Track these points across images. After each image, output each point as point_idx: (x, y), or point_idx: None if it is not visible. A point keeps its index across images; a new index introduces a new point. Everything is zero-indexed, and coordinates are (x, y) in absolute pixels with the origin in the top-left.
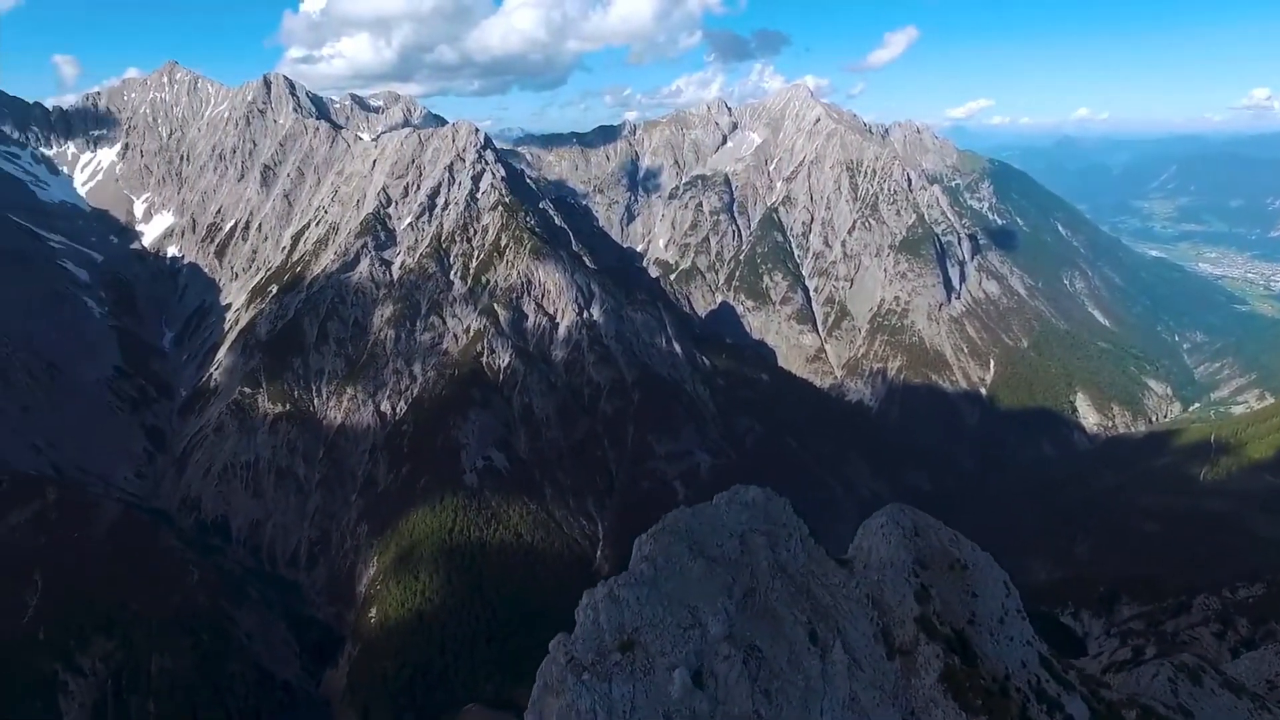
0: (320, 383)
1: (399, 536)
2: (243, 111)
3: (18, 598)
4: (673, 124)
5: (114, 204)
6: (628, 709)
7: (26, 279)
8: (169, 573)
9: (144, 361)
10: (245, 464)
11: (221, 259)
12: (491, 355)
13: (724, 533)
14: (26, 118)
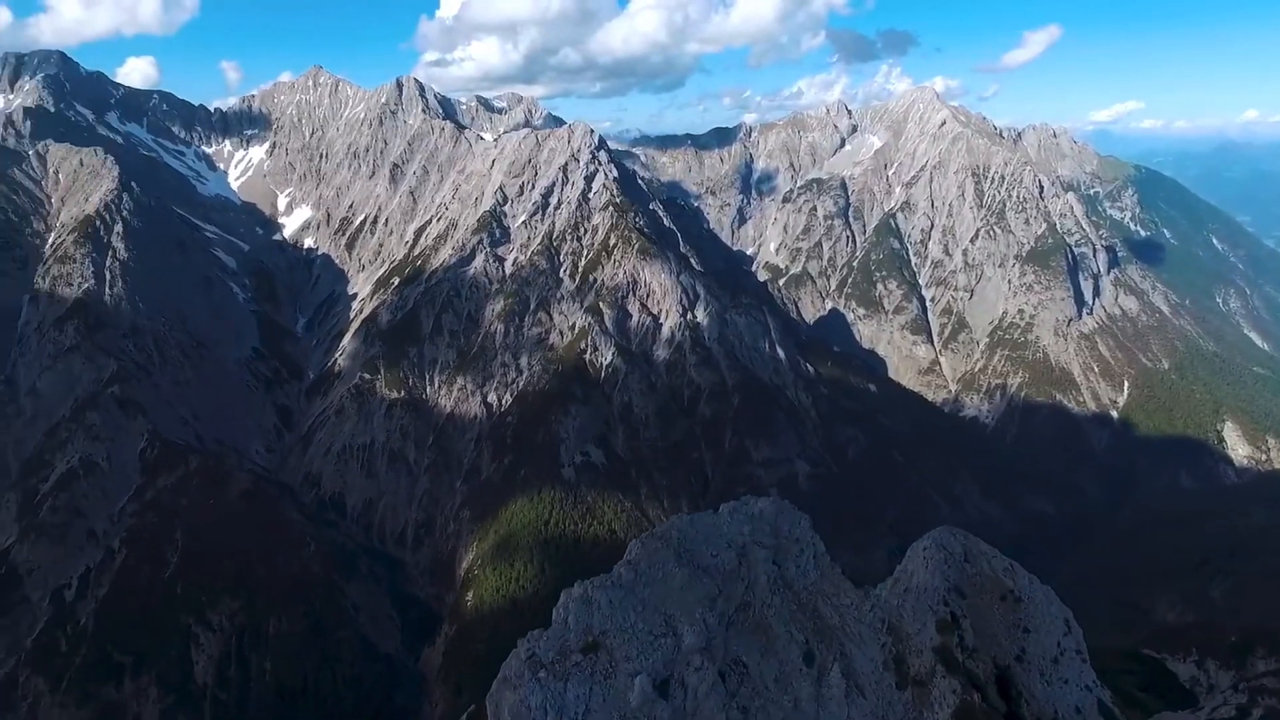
0: (433, 372)
1: (498, 524)
2: (376, 112)
3: (161, 554)
4: (789, 126)
5: (261, 198)
6: (581, 711)
7: (184, 265)
8: (289, 542)
9: (279, 344)
10: (362, 445)
11: (351, 251)
12: (595, 353)
13: (721, 543)
14: (192, 119)
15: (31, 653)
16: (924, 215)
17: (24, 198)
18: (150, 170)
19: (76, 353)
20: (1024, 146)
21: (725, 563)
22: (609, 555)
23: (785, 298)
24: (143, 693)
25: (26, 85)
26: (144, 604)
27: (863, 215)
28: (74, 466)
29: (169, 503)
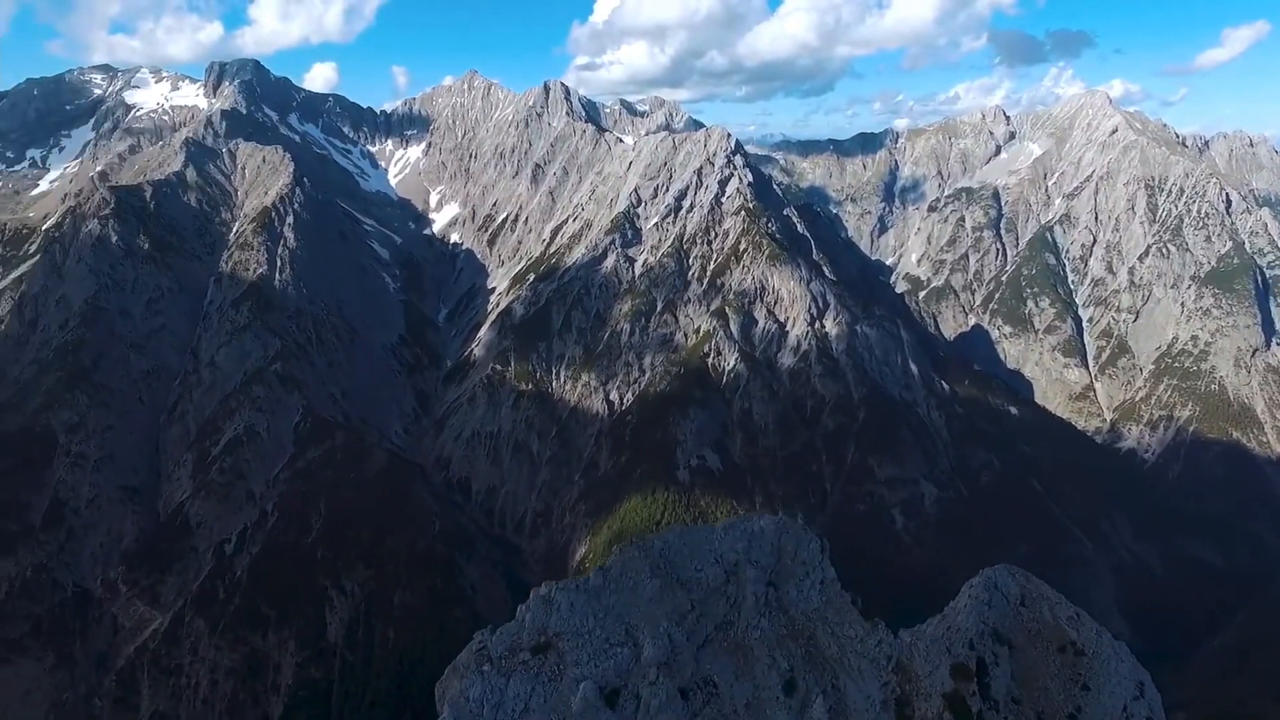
0: (560, 366)
1: (612, 520)
2: (523, 115)
3: (307, 520)
4: (940, 132)
5: (415, 194)
6: (519, 709)
7: (344, 255)
8: (418, 519)
9: (422, 333)
10: (489, 434)
11: (492, 247)
12: (718, 357)
13: (708, 559)
14: (360, 120)
15: (195, 597)
16: (1085, 229)
17: (215, 190)
18: (321, 167)
19: (248, 331)
20: (1211, 156)
21: (709, 579)
22: None
23: (923, 311)
24: (283, 644)
25: (226, 90)
26: (289, 564)
27: (1015, 227)
28: (240, 433)
29: (316, 473)
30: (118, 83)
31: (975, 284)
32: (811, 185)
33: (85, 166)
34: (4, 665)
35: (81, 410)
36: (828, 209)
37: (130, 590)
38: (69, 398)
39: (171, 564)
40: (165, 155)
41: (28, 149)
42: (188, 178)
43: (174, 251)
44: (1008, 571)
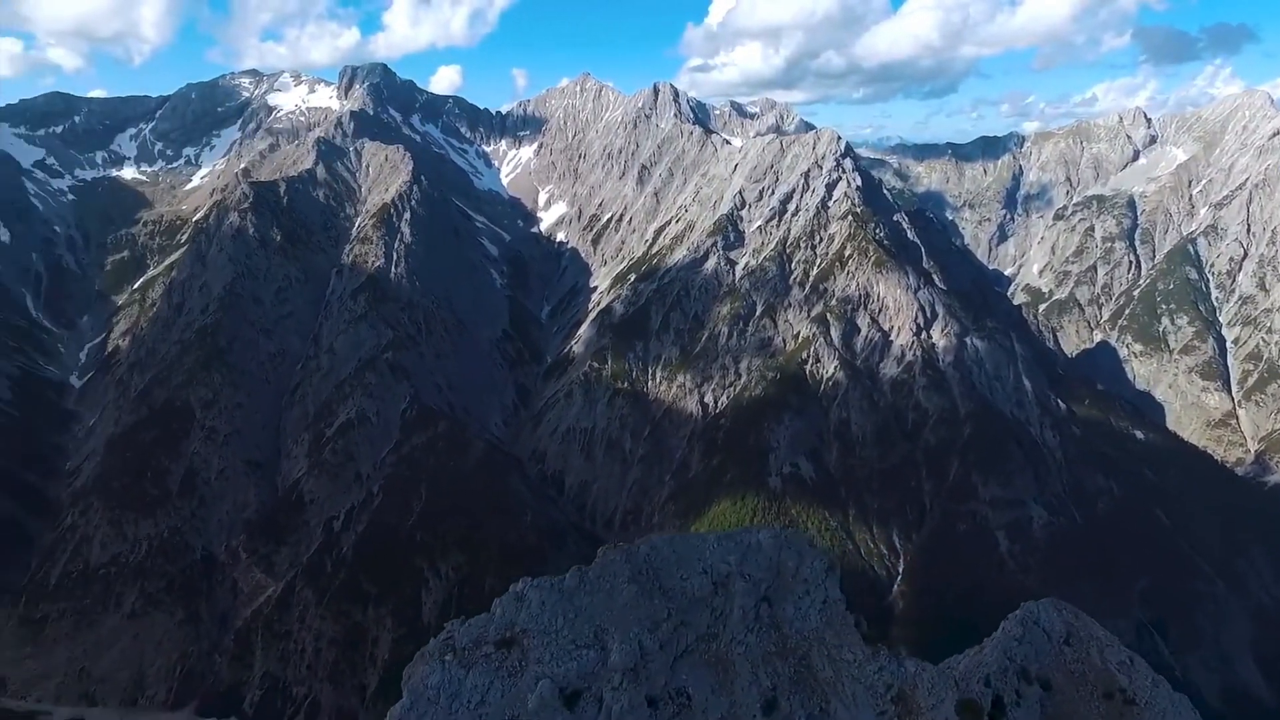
0: (655, 367)
1: (700, 523)
2: (632, 116)
3: (408, 503)
4: (1070, 136)
5: (525, 193)
6: (475, 700)
7: (455, 250)
8: (511, 510)
9: (525, 329)
10: (584, 430)
11: (596, 246)
12: (816, 364)
13: (695, 568)
14: (477, 121)
15: (305, 569)
16: (1235, 242)
17: (342, 186)
18: (438, 165)
19: (364, 321)
20: None
21: (695, 589)
22: None
23: (1043, 325)
24: (381, 620)
25: (356, 92)
26: (390, 544)
27: (1152, 238)
28: (352, 417)
29: (419, 459)
30: (263, 86)
31: (1103, 298)
32: (927, 190)
33: (231, 163)
34: (143, 616)
35: (216, 388)
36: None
37: (249, 558)
38: (205, 376)
39: (286, 536)
40: (299, 153)
41: (184, 147)
42: (317, 175)
43: (302, 244)
44: (1054, 607)
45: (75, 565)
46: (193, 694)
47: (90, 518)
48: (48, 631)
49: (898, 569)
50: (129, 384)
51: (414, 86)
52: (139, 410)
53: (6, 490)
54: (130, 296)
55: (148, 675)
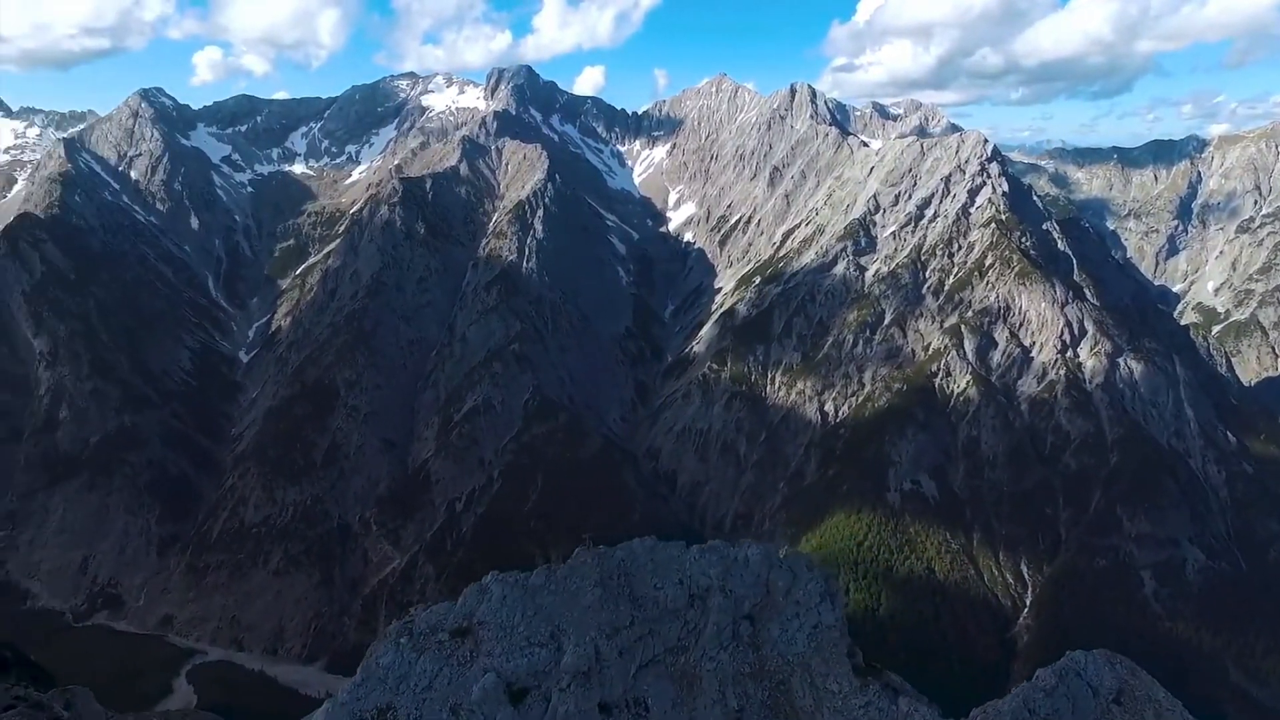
0: (775, 371)
1: (813, 534)
2: (766, 117)
3: (525, 490)
4: (1262, 139)
5: (656, 193)
6: (421, 685)
7: (584, 247)
8: (622, 504)
9: (647, 327)
10: (699, 430)
11: (722, 248)
12: (947, 378)
13: (672, 578)
14: (613, 121)
15: (428, 545)
16: None
17: (482, 183)
18: (573, 164)
19: (495, 312)
20: None
21: (668, 599)
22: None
23: (1215, 349)
24: None
25: (501, 93)
26: (506, 528)
27: None
28: (478, 404)
29: (538, 448)
30: (418, 88)
31: None
32: (1087, 198)
33: (386, 160)
34: (285, 575)
35: (359, 369)
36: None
37: (379, 530)
38: (351, 358)
39: (413, 513)
40: (446, 151)
41: (347, 145)
42: (460, 171)
43: (443, 236)
44: (1106, 659)
45: (233, 523)
46: (324, 650)
47: (247, 481)
48: (208, 579)
49: (1024, 600)
50: (287, 361)
51: (555, 87)
52: (293, 386)
53: (183, 451)
54: (293, 281)
55: (286, 629)
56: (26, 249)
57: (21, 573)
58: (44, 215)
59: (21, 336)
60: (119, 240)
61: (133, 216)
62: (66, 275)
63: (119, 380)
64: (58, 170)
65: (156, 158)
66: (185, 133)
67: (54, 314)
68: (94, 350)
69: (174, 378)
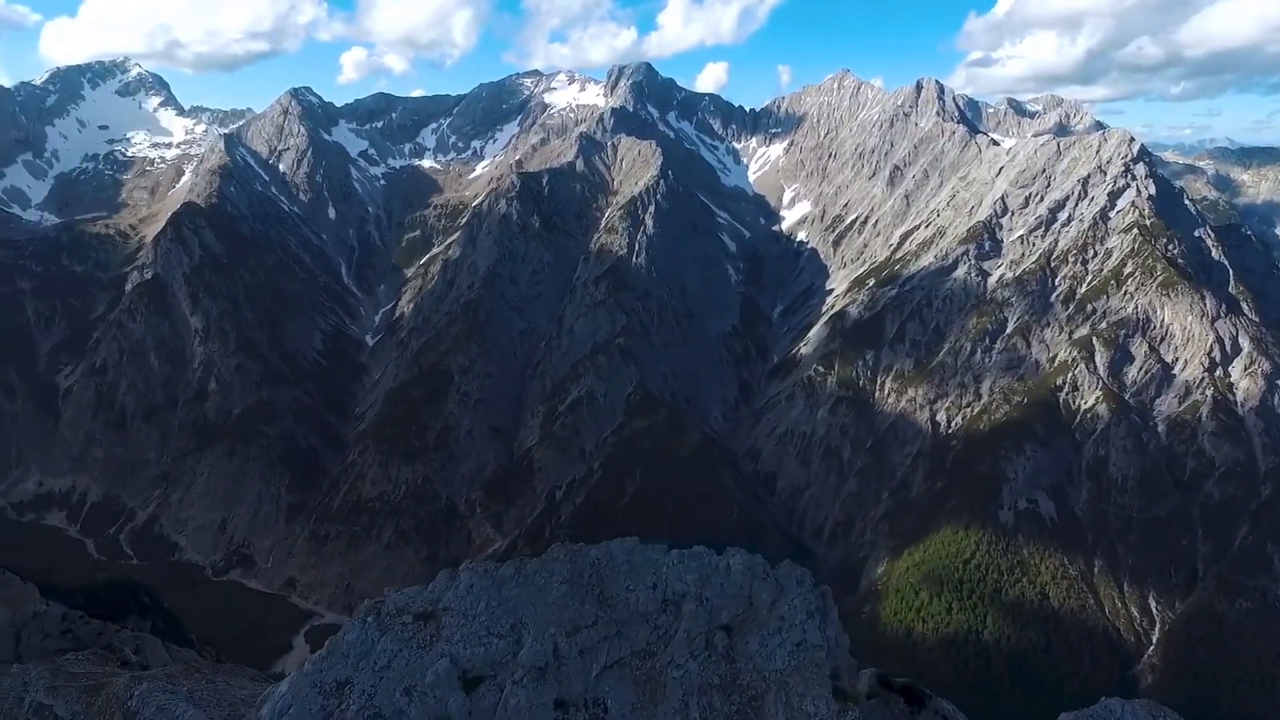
0: (885, 377)
1: (917, 548)
2: (889, 114)
3: (623, 483)
4: None
5: (770, 191)
6: (381, 663)
7: (693, 244)
8: (719, 503)
9: (754, 326)
10: (803, 434)
11: (836, 248)
12: (1073, 393)
13: (645, 581)
14: (730, 118)
15: (528, 530)
16: None
17: (596, 178)
18: (688, 161)
19: (603, 306)
20: None
21: (639, 602)
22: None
23: None
24: None
25: (620, 90)
26: (603, 519)
27: None
28: (581, 396)
29: (638, 442)
30: (541, 85)
31: None
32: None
33: (507, 156)
34: (395, 548)
35: (472, 357)
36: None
37: (483, 513)
38: (465, 346)
39: (515, 498)
40: (563, 147)
41: (473, 140)
42: (576, 167)
43: (557, 230)
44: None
45: (352, 496)
46: None
47: (366, 458)
48: (327, 547)
49: (1150, 638)
50: (407, 346)
51: (673, 84)
52: (412, 370)
53: (312, 426)
54: (417, 270)
55: None
56: (188, 235)
57: (172, 527)
58: (204, 204)
59: (181, 314)
60: (266, 228)
61: (279, 206)
62: (220, 259)
63: (260, 358)
64: (217, 163)
65: (302, 152)
66: (328, 128)
67: (208, 294)
68: (240, 329)
69: (307, 357)
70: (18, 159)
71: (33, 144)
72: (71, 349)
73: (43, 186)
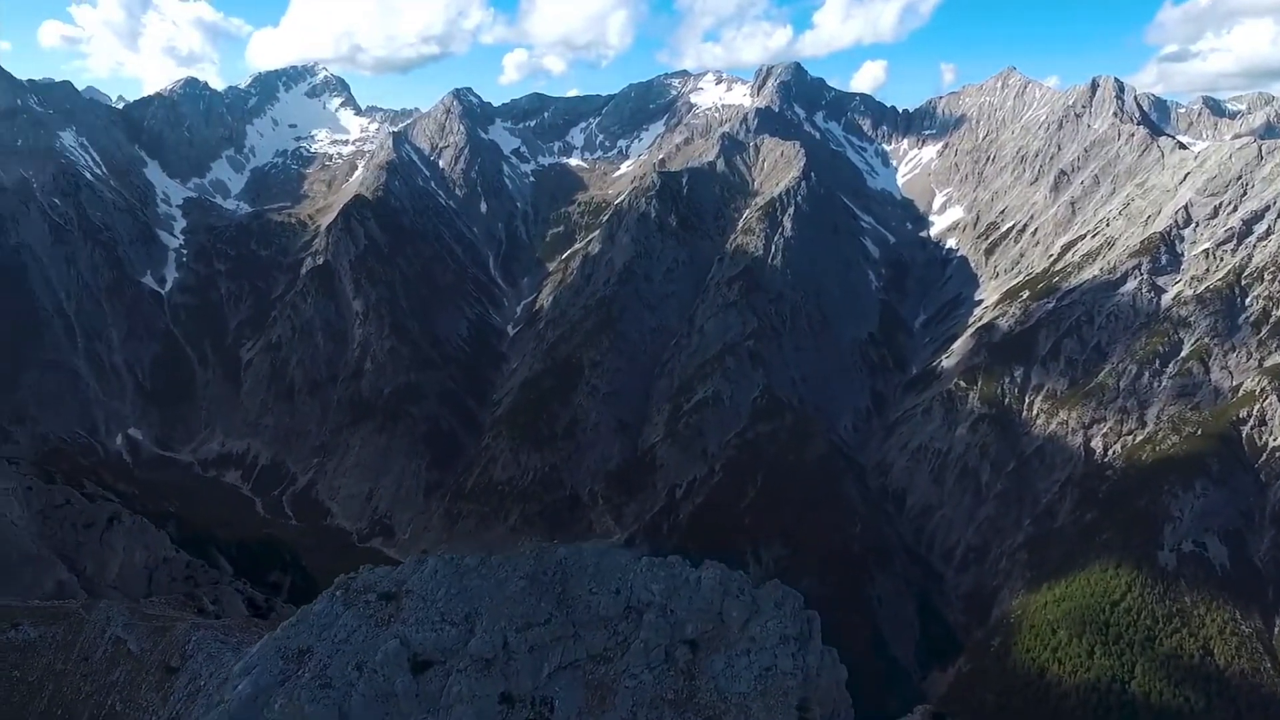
0: (1035, 397)
1: (1059, 584)
2: (1058, 115)
3: (744, 486)
4: None
5: (919, 195)
6: (340, 636)
7: (833, 247)
8: (842, 516)
9: (893, 335)
10: (937, 451)
11: (989, 257)
12: (1259, 427)
13: (609, 587)
14: (881, 119)
15: (646, 525)
16: None
17: (736, 179)
18: (832, 163)
19: (734, 308)
20: None
21: (600, 607)
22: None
23: None
24: None
25: (766, 89)
26: (722, 521)
27: None
28: (707, 396)
29: (762, 446)
30: (688, 86)
31: None
32: None
33: (651, 155)
34: (520, 532)
35: (603, 351)
36: None
37: (604, 504)
38: (597, 340)
39: (636, 492)
40: (705, 147)
41: (619, 139)
42: (717, 167)
43: (693, 230)
44: None
45: (484, 478)
46: None
47: (500, 443)
48: (459, 525)
49: None
50: (544, 338)
51: (822, 84)
52: (546, 361)
53: (453, 409)
54: (558, 265)
55: None
56: (355, 225)
57: (326, 494)
58: (371, 197)
59: (345, 298)
60: (423, 221)
61: (436, 200)
62: (381, 249)
63: (411, 342)
64: (384, 159)
65: (460, 149)
66: (485, 127)
67: (369, 281)
68: (395, 314)
69: (453, 344)
70: (222, 154)
71: (235, 141)
72: (254, 325)
73: (240, 179)
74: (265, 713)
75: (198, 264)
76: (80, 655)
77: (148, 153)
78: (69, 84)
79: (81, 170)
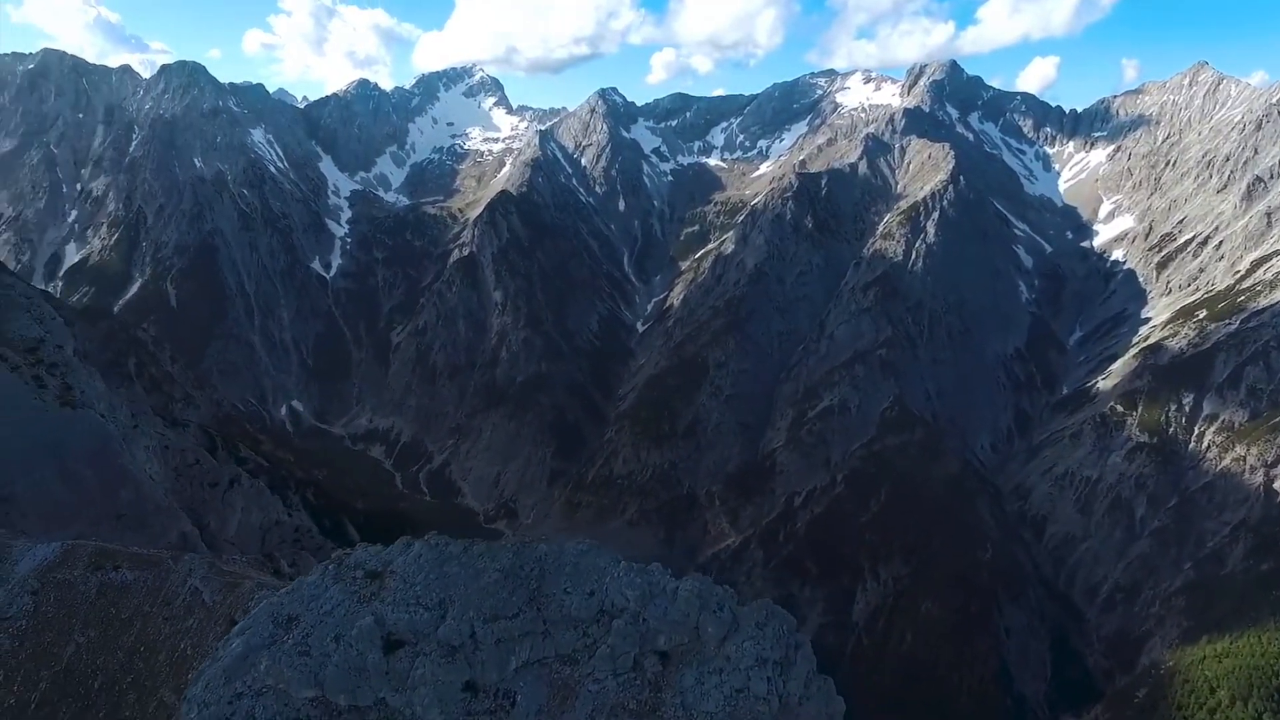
0: (1206, 427)
1: (1218, 635)
2: (1256, 115)
3: (867, 500)
4: None
5: (1084, 202)
6: (325, 608)
7: (980, 255)
8: (971, 539)
9: (1043, 351)
10: (1086, 479)
11: (1161, 271)
12: None
13: (583, 588)
14: (1044, 120)
15: (762, 531)
16: None
17: (879, 181)
18: (986, 165)
19: (868, 314)
20: None
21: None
22: None
23: None
24: (813, 602)
25: (917, 89)
26: (841, 534)
27: None
28: (833, 404)
29: (889, 460)
30: (834, 85)
31: None
32: None
33: (792, 155)
34: (636, 526)
35: (729, 352)
36: None
37: (720, 506)
38: (724, 341)
39: (753, 496)
40: (848, 148)
41: (759, 140)
42: (859, 169)
43: (830, 233)
44: None
45: (605, 470)
46: None
47: (622, 437)
48: (578, 515)
49: None
50: (671, 336)
51: (979, 82)
52: (672, 359)
53: (581, 401)
54: (691, 264)
55: None
56: (499, 219)
57: (458, 475)
58: (515, 192)
59: (486, 288)
60: (563, 216)
61: (577, 197)
62: (522, 242)
63: (544, 333)
64: (530, 157)
65: (602, 147)
66: (627, 126)
67: (509, 273)
68: (531, 306)
69: (583, 337)
70: (386, 150)
71: (398, 138)
72: (404, 311)
73: (400, 174)
74: (252, 671)
75: (359, 252)
76: (164, 600)
77: (323, 148)
78: (261, 86)
79: (267, 164)
